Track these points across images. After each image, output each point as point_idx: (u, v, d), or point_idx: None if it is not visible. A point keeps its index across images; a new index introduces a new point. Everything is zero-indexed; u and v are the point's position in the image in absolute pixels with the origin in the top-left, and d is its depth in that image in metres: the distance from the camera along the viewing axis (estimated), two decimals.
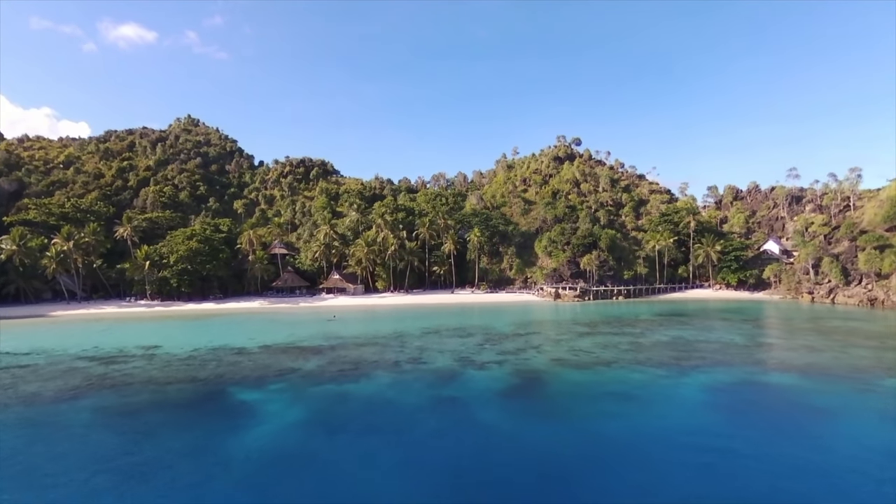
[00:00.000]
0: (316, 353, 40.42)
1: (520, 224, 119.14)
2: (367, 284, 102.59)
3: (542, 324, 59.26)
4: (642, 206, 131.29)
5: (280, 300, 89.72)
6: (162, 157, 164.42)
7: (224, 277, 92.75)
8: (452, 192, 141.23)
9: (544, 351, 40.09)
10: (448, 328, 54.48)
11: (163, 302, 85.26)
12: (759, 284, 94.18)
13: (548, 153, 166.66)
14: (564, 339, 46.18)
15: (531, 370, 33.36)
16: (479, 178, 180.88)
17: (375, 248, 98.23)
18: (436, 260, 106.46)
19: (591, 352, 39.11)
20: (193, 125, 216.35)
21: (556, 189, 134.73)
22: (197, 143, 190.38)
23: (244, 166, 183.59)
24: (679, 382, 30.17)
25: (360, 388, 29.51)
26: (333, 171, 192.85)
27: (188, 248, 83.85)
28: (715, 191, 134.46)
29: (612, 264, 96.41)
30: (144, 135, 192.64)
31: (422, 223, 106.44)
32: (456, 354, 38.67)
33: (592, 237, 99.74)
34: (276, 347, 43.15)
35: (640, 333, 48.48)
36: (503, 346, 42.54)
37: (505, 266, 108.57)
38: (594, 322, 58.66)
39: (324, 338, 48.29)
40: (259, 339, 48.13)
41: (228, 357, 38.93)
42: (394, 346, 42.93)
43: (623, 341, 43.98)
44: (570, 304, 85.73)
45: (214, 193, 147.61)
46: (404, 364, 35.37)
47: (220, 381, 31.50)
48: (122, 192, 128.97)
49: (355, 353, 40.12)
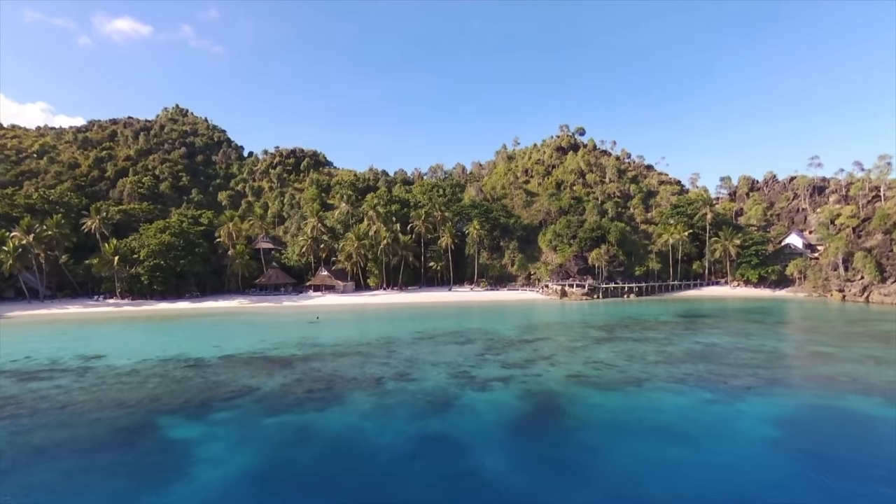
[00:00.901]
0: (285, 365, 34.09)
1: (522, 217, 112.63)
2: (357, 281, 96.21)
3: (550, 327, 52.99)
4: (651, 197, 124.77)
5: (263, 299, 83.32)
6: (144, 146, 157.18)
7: (202, 274, 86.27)
8: (450, 183, 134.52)
9: (558, 363, 33.80)
10: (444, 332, 48.20)
11: (133, 301, 78.82)
12: (780, 281, 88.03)
13: (550, 143, 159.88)
14: (579, 346, 39.91)
15: (545, 392, 27.07)
16: (478, 170, 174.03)
17: (367, 242, 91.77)
18: (432, 255, 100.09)
19: (613, 364, 32.84)
20: (181, 115, 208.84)
21: (560, 180, 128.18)
22: (183, 132, 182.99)
23: (232, 157, 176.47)
24: (734, 410, 23.92)
25: (328, 419, 23.20)
26: (326, 162, 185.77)
27: (160, 242, 77.23)
28: (728, 182, 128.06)
29: (623, 259, 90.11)
30: (128, 124, 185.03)
31: (417, 215, 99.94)
32: (452, 368, 32.39)
33: (601, 230, 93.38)
34: (239, 358, 36.81)
35: (667, 340, 42.22)
36: (508, 355, 36.28)
37: (506, 261, 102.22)
38: (609, 325, 52.40)
39: (299, 345, 41.97)
40: (224, 346, 41.79)
41: (178, 371, 32.57)
42: (379, 357, 36.63)
43: (649, 350, 37.72)
44: (577, 302, 79.52)
45: (198, 185, 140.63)
46: (388, 382, 29.08)
47: (154, 407, 25.15)
48: (98, 182, 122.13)
49: (332, 365, 33.80)
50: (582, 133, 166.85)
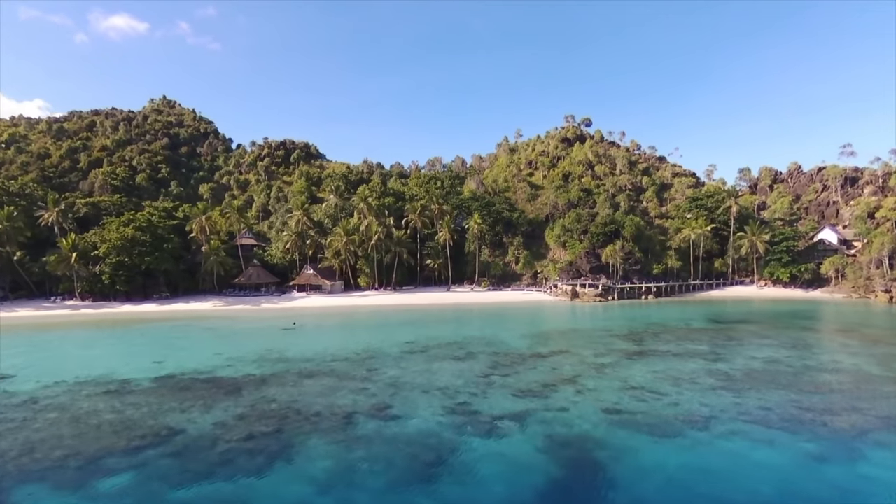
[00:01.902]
0: (232, 391, 26.63)
1: (526, 211, 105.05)
2: (347, 281, 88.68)
3: (565, 336, 45.52)
4: (665, 191, 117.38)
5: (240, 300, 75.79)
6: (124, 137, 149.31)
7: (174, 273, 78.63)
8: (448, 175, 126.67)
9: (585, 389, 26.32)
10: (440, 342, 40.74)
11: (94, 303, 71.26)
12: (813, 281, 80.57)
13: (555, 134, 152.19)
14: (607, 364, 32.42)
15: (576, 441, 19.57)
16: (478, 162, 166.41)
17: (356, 237, 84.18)
18: (429, 252, 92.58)
19: (659, 392, 25.39)
20: (168, 106, 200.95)
21: (567, 171, 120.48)
22: (167, 123, 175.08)
23: (219, 149, 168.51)
24: (859, 475, 16.51)
25: (263, 493, 15.70)
26: (318, 154, 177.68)
27: (122, 237, 69.53)
28: (748, 173, 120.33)
29: (639, 257, 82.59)
30: (110, 115, 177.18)
31: (412, 208, 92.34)
32: (448, 396, 24.97)
33: (614, 224, 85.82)
34: (178, 380, 29.34)
35: (714, 355, 34.74)
36: (519, 377, 28.86)
37: (510, 259, 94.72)
38: (635, 333, 44.93)
39: (261, 360, 34.49)
40: (167, 362, 34.31)
41: (86, 402, 25.11)
42: (356, 378, 29.18)
43: (697, 370, 30.27)
44: (590, 304, 72.08)
45: (179, 177, 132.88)
46: (362, 421, 21.62)
47: (15, 468, 17.65)
48: (69, 174, 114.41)
49: (293, 392, 26.34)
50: (588, 124, 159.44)
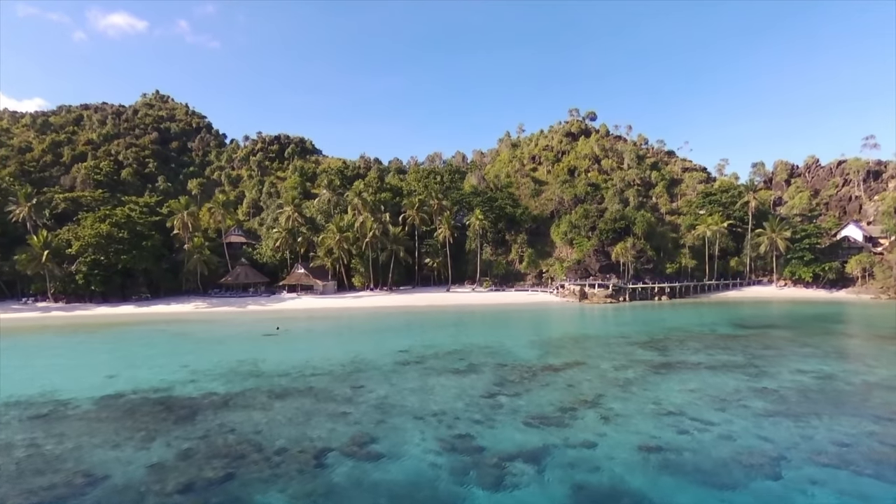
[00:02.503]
0: (185, 418, 22.17)
1: (530, 207, 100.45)
2: (340, 280, 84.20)
3: (578, 343, 40.99)
4: (675, 186, 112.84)
5: (225, 301, 71.35)
6: (112, 131, 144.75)
7: (155, 272, 74.14)
8: (448, 169, 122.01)
9: (613, 416, 21.77)
10: (438, 351, 36.28)
11: (67, 304, 66.85)
12: (837, 280, 76.03)
13: (559, 129, 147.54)
14: (633, 379, 27.91)
15: (609, 492, 15.01)
16: (479, 158, 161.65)
17: (350, 234, 79.62)
18: (427, 250, 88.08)
19: (704, 420, 20.86)
20: (161, 101, 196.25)
21: (573, 166, 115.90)
22: (158, 118, 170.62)
23: (211, 144, 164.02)
24: None
25: None
26: (313, 149, 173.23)
27: (96, 234, 64.99)
28: (761, 168, 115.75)
29: (651, 255, 78.04)
30: (100, 109, 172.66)
31: (410, 203, 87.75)
32: (446, 426, 20.48)
33: (624, 220, 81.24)
34: (126, 401, 24.91)
35: (754, 368, 30.22)
36: (531, 397, 24.38)
37: (513, 257, 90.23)
38: (656, 340, 40.42)
39: (229, 375, 30.04)
40: (121, 375, 29.92)
41: (3, 432, 20.63)
42: (337, 399, 24.73)
43: (740, 387, 25.77)
44: (600, 306, 67.59)
45: (167, 172, 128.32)
46: (336, 463, 17.14)
47: None
48: (50, 168, 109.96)
49: (257, 420, 21.86)
50: (593, 118, 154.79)
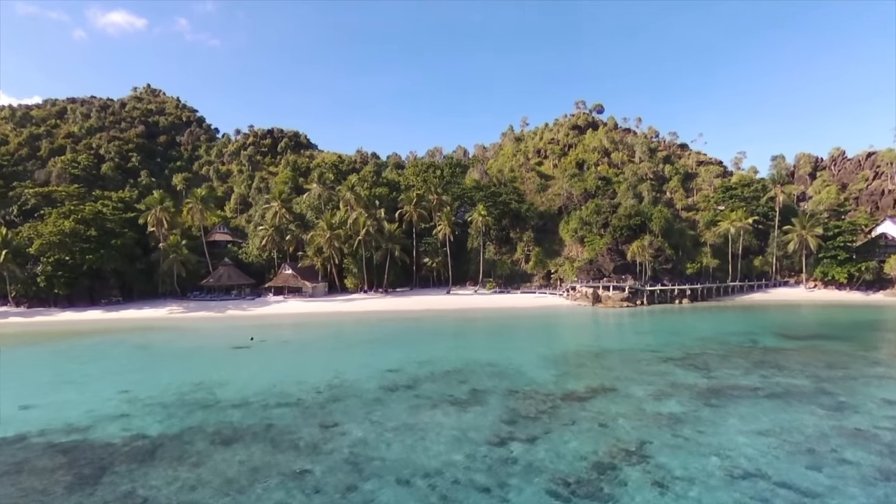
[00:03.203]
0: (86, 479, 16.33)
1: (536, 203, 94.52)
2: (332, 282, 78.38)
3: (600, 358, 35.01)
4: (689, 180, 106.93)
5: (204, 305, 65.63)
6: (96, 124, 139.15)
7: (127, 273, 68.36)
8: (449, 163, 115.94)
9: (669, 479, 15.76)
10: (434, 370, 30.42)
11: (29, 309, 61.19)
12: (874, 282, 70.00)
13: (564, 122, 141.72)
14: (681, 415, 21.91)
15: None
16: (481, 152, 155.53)
17: (342, 232, 73.77)
18: (426, 249, 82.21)
19: (795, 485, 14.87)
20: (152, 95, 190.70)
21: (581, 159, 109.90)
22: (147, 111, 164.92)
23: (201, 138, 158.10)
24: None
25: None
26: (308, 144, 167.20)
27: (59, 232, 59.20)
28: (782, 161, 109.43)
29: (670, 254, 72.06)
30: (86, 102, 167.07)
31: (407, 199, 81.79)
32: (442, 497, 14.59)
33: (640, 216, 75.20)
34: (22, 447, 19.10)
35: (824, 395, 24.21)
36: (555, 444, 18.43)
37: (519, 257, 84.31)
38: (692, 354, 34.46)
39: (175, 406, 24.19)
40: (40, 407, 24.16)
41: None
42: (299, 447, 18.82)
43: (824, 428, 19.82)
44: (615, 310, 61.66)
45: (152, 167, 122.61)
46: None
47: None
48: (26, 161, 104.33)
49: (184, 481, 15.98)
50: (600, 111, 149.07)
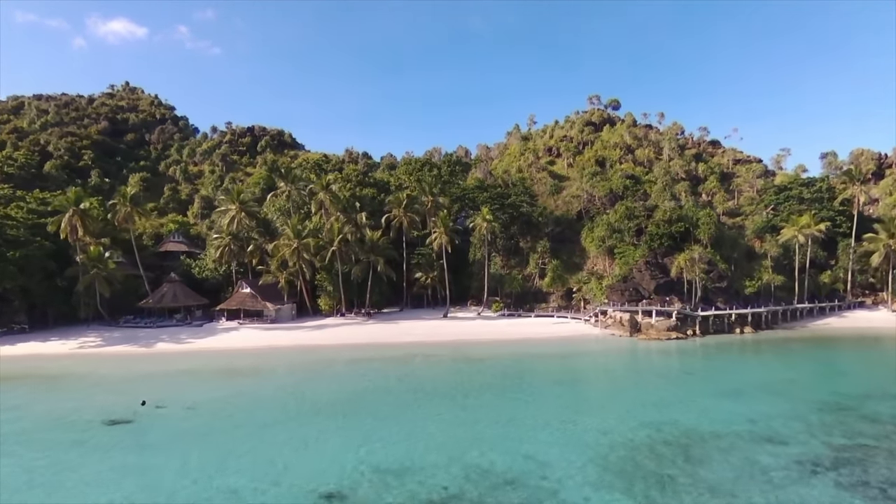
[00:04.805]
0: None
1: (549, 207, 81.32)
2: (302, 302, 65.00)
3: (685, 457, 21.31)
4: (725, 181, 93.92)
5: (131, 335, 52.16)
6: (52, 120, 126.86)
7: (39, 293, 54.82)
8: (448, 160, 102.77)
9: None
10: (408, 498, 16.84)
11: None
12: None
13: (577, 119, 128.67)
14: None
15: None
16: (484, 153, 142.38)
17: (312, 241, 60.49)
18: (419, 261, 68.92)
19: None
20: (129, 93, 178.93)
21: (601, 156, 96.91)
22: (115, 108, 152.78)
23: (175, 137, 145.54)
24: None
25: None
26: (293, 144, 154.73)
27: None
28: (833, 159, 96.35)
29: (724, 268, 58.51)
30: (52, 99, 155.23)
31: (395, 200, 68.55)
32: None
33: (683, 222, 61.82)
34: None
35: None
36: None
37: (531, 271, 70.80)
38: (833, 444, 20.90)
39: None
40: None
41: None
42: None
43: None
44: (660, 342, 48.13)
45: (110, 166, 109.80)
46: None
47: None
48: None
49: None
50: (616, 107, 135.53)
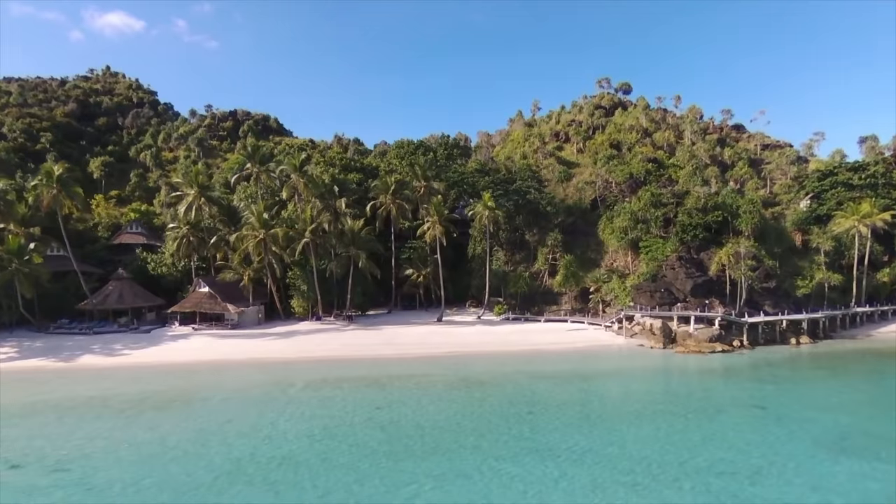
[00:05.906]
0: None
1: (559, 196, 72.39)
2: (272, 303, 56.21)
3: None
4: (754, 167, 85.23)
5: (56, 345, 43.39)
6: (14, 101, 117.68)
7: None
8: (444, 142, 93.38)
9: None
10: None
11: None
12: None
13: (586, 103, 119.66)
14: None
15: None
16: (485, 140, 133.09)
17: (281, 231, 51.62)
18: (410, 256, 60.14)
19: None
20: (110, 77, 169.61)
21: (616, 140, 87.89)
22: (89, 91, 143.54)
23: (152, 121, 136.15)
24: None
25: None
26: (279, 129, 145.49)
27: None
28: (874, 143, 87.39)
29: (771, 266, 49.64)
30: (19, 81, 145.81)
31: (382, 184, 59.56)
32: None
33: (720, 210, 52.90)
34: None
35: None
36: None
37: (540, 267, 61.95)
38: None
39: None
40: None
41: None
42: None
43: None
44: (700, 356, 39.42)
45: (72, 150, 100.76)
46: None
47: None
48: None
49: None
50: (627, 90, 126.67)
